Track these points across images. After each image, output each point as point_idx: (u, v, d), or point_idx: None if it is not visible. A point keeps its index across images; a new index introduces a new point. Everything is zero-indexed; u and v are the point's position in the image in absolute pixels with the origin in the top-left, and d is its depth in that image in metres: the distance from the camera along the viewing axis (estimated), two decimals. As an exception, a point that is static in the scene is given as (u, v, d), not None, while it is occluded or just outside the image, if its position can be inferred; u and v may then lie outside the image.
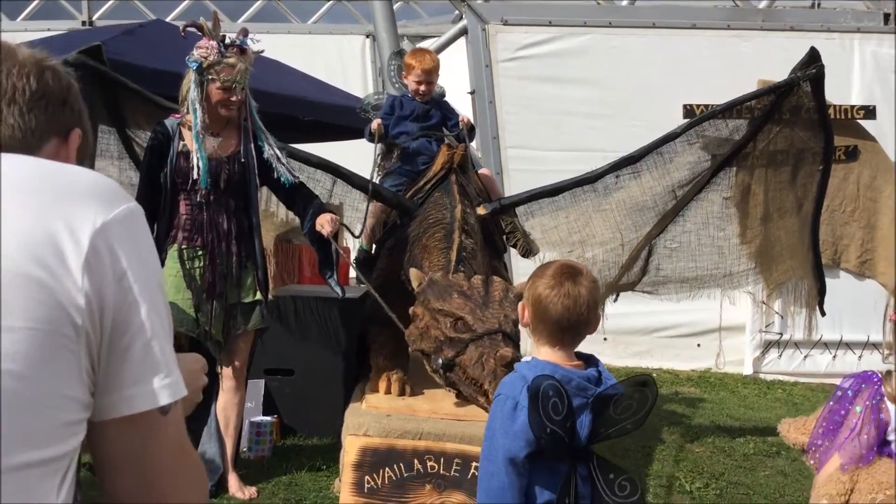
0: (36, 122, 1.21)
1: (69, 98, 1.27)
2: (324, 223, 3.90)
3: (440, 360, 3.25)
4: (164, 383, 1.09)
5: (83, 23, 10.34)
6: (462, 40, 7.83)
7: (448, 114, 4.63)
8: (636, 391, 2.06)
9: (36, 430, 0.99)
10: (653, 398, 2.05)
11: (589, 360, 2.16)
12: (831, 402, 2.93)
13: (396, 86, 5.34)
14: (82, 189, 1.10)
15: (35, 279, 1.00)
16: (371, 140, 4.49)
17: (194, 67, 3.82)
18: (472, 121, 4.68)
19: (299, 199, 4.08)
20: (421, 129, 4.49)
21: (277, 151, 3.99)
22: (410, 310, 3.49)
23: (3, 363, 0.97)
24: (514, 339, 3.19)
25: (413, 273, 3.53)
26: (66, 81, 1.28)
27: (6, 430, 0.97)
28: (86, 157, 1.34)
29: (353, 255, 4.65)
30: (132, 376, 1.07)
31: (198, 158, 3.80)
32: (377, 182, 4.39)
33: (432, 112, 4.56)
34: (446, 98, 4.80)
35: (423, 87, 4.50)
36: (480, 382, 3.10)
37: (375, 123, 4.42)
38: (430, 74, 4.50)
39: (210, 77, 3.82)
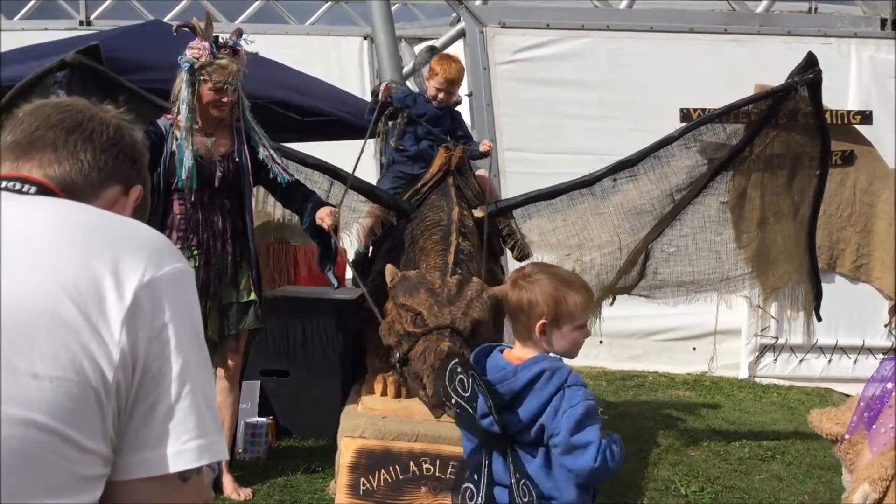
0: (104, 164, 1.26)
1: (139, 161, 1.35)
2: (324, 216, 3.91)
3: (397, 355, 3.29)
4: (187, 447, 1.04)
5: (81, 22, 10.32)
6: (460, 42, 7.83)
7: (457, 124, 4.63)
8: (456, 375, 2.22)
9: (50, 481, 0.95)
10: (482, 384, 2.16)
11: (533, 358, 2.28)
12: (873, 389, 2.89)
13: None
14: (137, 242, 1.09)
15: (72, 327, 0.98)
16: (373, 99, 4.46)
17: (186, 68, 3.82)
18: (490, 148, 4.66)
19: (297, 196, 4.08)
20: (425, 132, 4.46)
21: (272, 151, 3.99)
22: (385, 305, 3.52)
23: (26, 412, 0.94)
24: (463, 336, 3.20)
25: (388, 269, 3.55)
26: (140, 147, 1.36)
27: (17, 480, 0.93)
28: (142, 220, 1.34)
29: (350, 256, 4.64)
30: (153, 438, 1.03)
31: (185, 160, 3.79)
32: (378, 181, 4.42)
33: (444, 119, 4.55)
34: (460, 105, 4.80)
35: (441, 95, 4.48)
36: (421, 376, 3.12)
37: (384, 85, 4.42)
38: (453, 84, 4.49)
39: (202, 78, 3.82)
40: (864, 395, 2.90)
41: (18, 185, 1.17)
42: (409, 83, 7.97)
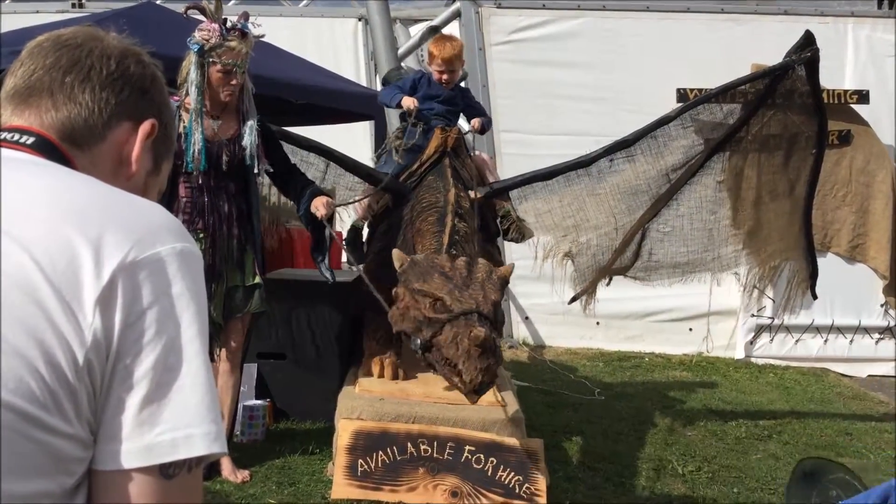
0: (105, 103, 1.15)
1: (151, 89, 1.22)
2: (319, 206, 3.92)
3: (418, 341, 3.28)
4: (160, 440, 0.96)
5: (73, 4, 10.24)
6: (455, 23, 7.79)
7: (470, 102, 4.64)
8: None
9: (10, 462, 0.89)
10: None
11: None
12: None
13: (423, 62, 5.35)
14: (130, 221, 1.01)
15: (43, 305, 0.92)
16: (399, 109, 4.53)
17: (195, 50, 3.79)
18: (483, 125, 4.66)
19: (295, 182, 4.09)
20: (447, 112, 4.50)
21: (254, 142, 3.95)
22: (393, 291, 3.50)
23: None
24: (490, 320, 3.20)
25: (395, 254, 3.54)
26: (150, 71, 1.23)
27: None
28: (164, 156, 1.27)
29: (344, 234, 4.65)
30: (126, 428, 0.96)
31: (194, 142, 3.78)
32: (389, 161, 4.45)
33: (457, 99, 4.57)
34: (463, 83, 4.83)
35: (445, 76, 4.51)
36: (454, 362, 3.12)
37: (412, 103, 4.42)
38: (452, 63, 4.49)
39: (211, 60, 3.80)
40: None
41: (17, 136, 1.11)
42: (411, 62, 7.94)
